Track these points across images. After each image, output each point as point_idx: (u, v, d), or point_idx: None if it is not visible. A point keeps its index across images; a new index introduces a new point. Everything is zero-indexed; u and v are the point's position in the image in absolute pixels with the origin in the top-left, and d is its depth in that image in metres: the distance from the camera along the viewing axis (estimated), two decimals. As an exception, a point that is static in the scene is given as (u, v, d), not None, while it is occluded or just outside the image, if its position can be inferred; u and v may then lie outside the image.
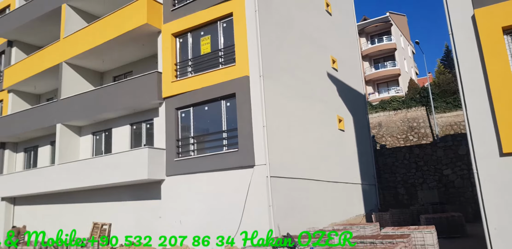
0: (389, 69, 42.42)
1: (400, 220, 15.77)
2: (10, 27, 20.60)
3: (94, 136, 17.68)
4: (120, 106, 15.46)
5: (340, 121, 16.93)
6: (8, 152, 20.84)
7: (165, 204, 13.81)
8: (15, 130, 19.40)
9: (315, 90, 15.57)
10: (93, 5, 18.44)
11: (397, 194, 21.21)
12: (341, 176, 16.04)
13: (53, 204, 18.06)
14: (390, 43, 42.84)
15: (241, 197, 12.01)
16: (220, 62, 13.56)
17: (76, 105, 16.93)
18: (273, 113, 12.46)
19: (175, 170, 13.69)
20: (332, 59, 17.38)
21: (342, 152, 16.71)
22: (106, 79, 18.86)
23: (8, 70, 20.79)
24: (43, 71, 18.82)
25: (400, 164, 21.78)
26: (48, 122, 17.84)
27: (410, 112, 28.61)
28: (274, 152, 12.10)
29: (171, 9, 14.89)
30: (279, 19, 14.09)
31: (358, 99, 19.56)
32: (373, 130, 28.12)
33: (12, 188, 18.85)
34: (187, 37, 14.59)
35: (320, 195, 14.30)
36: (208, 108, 13.59)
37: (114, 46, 16.35)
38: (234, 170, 12.32)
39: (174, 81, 14.22)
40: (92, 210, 16.35)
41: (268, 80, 12.57)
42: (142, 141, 15.87)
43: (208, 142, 13.67)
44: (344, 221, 15.21)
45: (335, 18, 18.69)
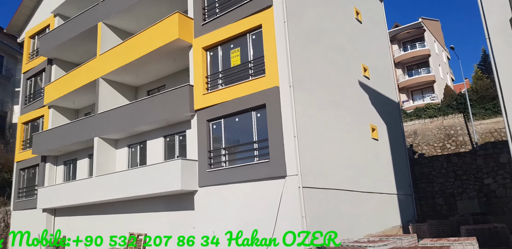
0: (423, 76, 41.57)
1: (438, 232, 15.24)
2: (50, 46, 21.56)
3: (129, 148, 18.13)
4: (154, 119, 15.82)
5: (373, 130, 16.68)
6: (49, 165, 21.61)
7: (198, 215, 13.94)
8: (55, 143, 20.13)
9: (347, 99, 15.45)
10: (127, 23, 19.08)
11: (435, 204, 20.56)
12: (376, 186, 15.74)
13: (90, 214, 18.55)
14: (424, 50, 42.03)
15: (273, 208, 11.97)
16: (250, 74, 13.71)
17: (113, 119, 17.45)
18: (304, 123, 12.44)
19: (207, 181, 13.83)
20: (364, 68, 17.23)
21: (376, 161, 16.42)
22: (140, 93, 19.37)
23: (48, 87, 21.69)
24: (81, 87, 19.50)
25: (438, 173, 21.14)
26: (86, 136, 18.44)
27: (447, 120, 27.86)
28: (306, 162, 12.04)
29: (202, 23, 15.21)
30: (308, 29, 14.15)
31: (391, 107, 19.23)
32: (408, 139, 27.50)
33: (53, 200, 19.50)
34: (217, 50, 14.84)
35: (354, 205, 14.07)
36: (238, 119, 13.71)
37: (148, 61, 16.82)
38: (265, 180, 12.33)
39: (205, 94, 14.45)
40: (128, 220, 16.68)
41: (299, 90, 12.59)
42: (175, 153, 16.15)
43: (239, 152, 13.76)
44: (379, 232, 14.86)
45: (366, 26, 18.57)
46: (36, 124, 23.49)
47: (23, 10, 25.61)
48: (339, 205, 13.24)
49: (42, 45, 22.21)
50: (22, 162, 23.39)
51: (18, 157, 23.83)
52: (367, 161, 15.75)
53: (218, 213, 13.35)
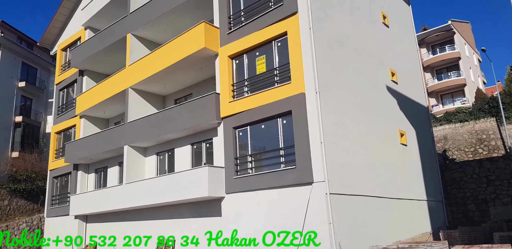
0: (454, 80, 40.68)
1: (470, 238, 14.82)
2: (81, 58, 22.27)
3: (158, 156, 18.46)
4: (181, 127, 16.07)
5: (402, 135, 16.45)
6: (80, 173, 22.20)
7: (226, 221, 14.04)
8: (86, 152, 20.69)
9: (374, 104, 15.31)
10: (155, 34, 19.53)
11: (467, 210, 20.02)
12: (405, 192, 15.49)
13: (121, 221, 18.92)
14: (454, 52, 41.17)
15: (300, 214, 11.94)
16: (275, 81, 13.79)
17: (141, 127, 17.83)
18: (331, 129, 12.40)
19: (234, 188, 13.92)
20: (391, 72, 17.06)
21: (405, 167, 16.17)
22: (168, 102, 19.74)
23: (80, 97, 22.35)
24: (111, 97, 20.02)
25: (469, 178, 20.61)
26: (116, 144, 18.89)
27: (479, 124, 27.15)
28: (333, 168, 11.98)
29: (227, 32, 15.41)
30: (334, 35, 14.13)
31: (420, 112, 18.92)
32: (438, 144, 26.93)
33: (84, 207, 20.01)
34: (243, 58, 15.00)
35: (383, 212, 13.88)
36: (264, 126, 13.79)
37: (175, 71, 17.14)
38: (292, 187, 12.32)
39: (232, 102, 14.60)
40: (157, 226, 16.93)
41: (325, 96, 12.58)
42: (202, 160, 16.34)
43: (266, 159, 13.81)
44: (409, 239, 14.59)
45: (393, 30, 18.39)
46: (68, 133, 24.21)
47: (55, 24, 26.57)
48: (367, 212, 13.08)
49: (74, 57, 22.95)
50: (55, 170, 24.11)
51: (51, 165, 24.58)
52: (396, 166, 15.52)
53: (245, 219, 13.41)
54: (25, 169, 27.27)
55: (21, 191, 26.33)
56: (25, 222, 24.27)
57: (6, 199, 25.54)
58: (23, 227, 24.09)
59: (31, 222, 24.55)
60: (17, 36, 33.54)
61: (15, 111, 30.69)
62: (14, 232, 23.64)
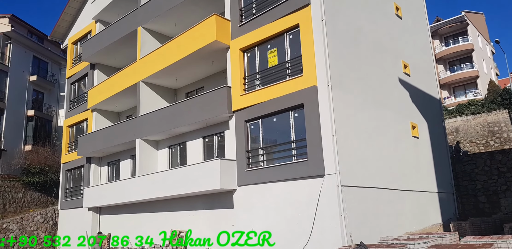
0: (466, 72, 40.26)
1: (481, 230, 14.82)
2: (92, 51, 22.37)
3: (170, 149, 18.60)
4: (193, 121, 16.16)
5: (413, 128, 16.40)
6: (93, 166, 22.46)
7: (238, 213, 14.18)
8: (99, 145, 20.91)
9: (386, 97, 15.25)
10: (166, 27, 19.53)
11: (478, 202, 19.94)
12: (416, 184, 15.48)
13: (133, 213, 19.18)
14: (467, 44, 40.67)
15: (312, 206, 12.02)
16: (287, 73, 13.78)
17: (153, 121, 17.95)
18: (342, 121, 12.40)
19: (246, 180, 14.03)
20: (404, 64, 16.94)
21: (417, 159, 16.14)
22: (180, 95, 19.81)
23: (91, 91, 22.52)
24: (123, 91, 20.14)
25: (480, 170, 20.49)
26: (129, 137, 19.06)
27: (491, 116, 26.88)
28: (345, 160, 12.01)
29: (239, 25, 15.38)
30: (346, 27, 14.04)
31: (432, 104, 18.80)
32: (450, 136, 26.76)
33: (98, 199, 20.30)
34: (255, 51, 14.99)
35: (394, 204, 13.90)
36: (276, 119, 13.82)
37: (186, 64, 17.18)
38: (303, 179, 12.39)
39: (243, 95, 14.63)
40: (169, 218, 17.14)
41: (337, 89, 12.56)
42: (214, 153, 16.45)
43: (277, 152, 13.87)
44: (419, 230, 14.62)
45: (406, 21, 18.20)
46: (81, 127, 24.45)
47: (65, 17, 26.65)
48: (379, 203, 13.12)
49: (85, 50, 23.08)
50: (68, 163, 24.42)
51: (64, 158, 24.90)
52: (407, 159, 15.50)
53: (257, 211, 13.53)
54: (38, 162, 27.68)
55: (35, 184, 26.74)
56: (39, 214, 24.68)
57: (21, 192, 25.97)
58: (38, 219, 24.51)
59: (46, 214, 24.96)
60: (28, 30, 33.80)
61: (27, 105, 31.08)
62: (29, 224, 24.04)
